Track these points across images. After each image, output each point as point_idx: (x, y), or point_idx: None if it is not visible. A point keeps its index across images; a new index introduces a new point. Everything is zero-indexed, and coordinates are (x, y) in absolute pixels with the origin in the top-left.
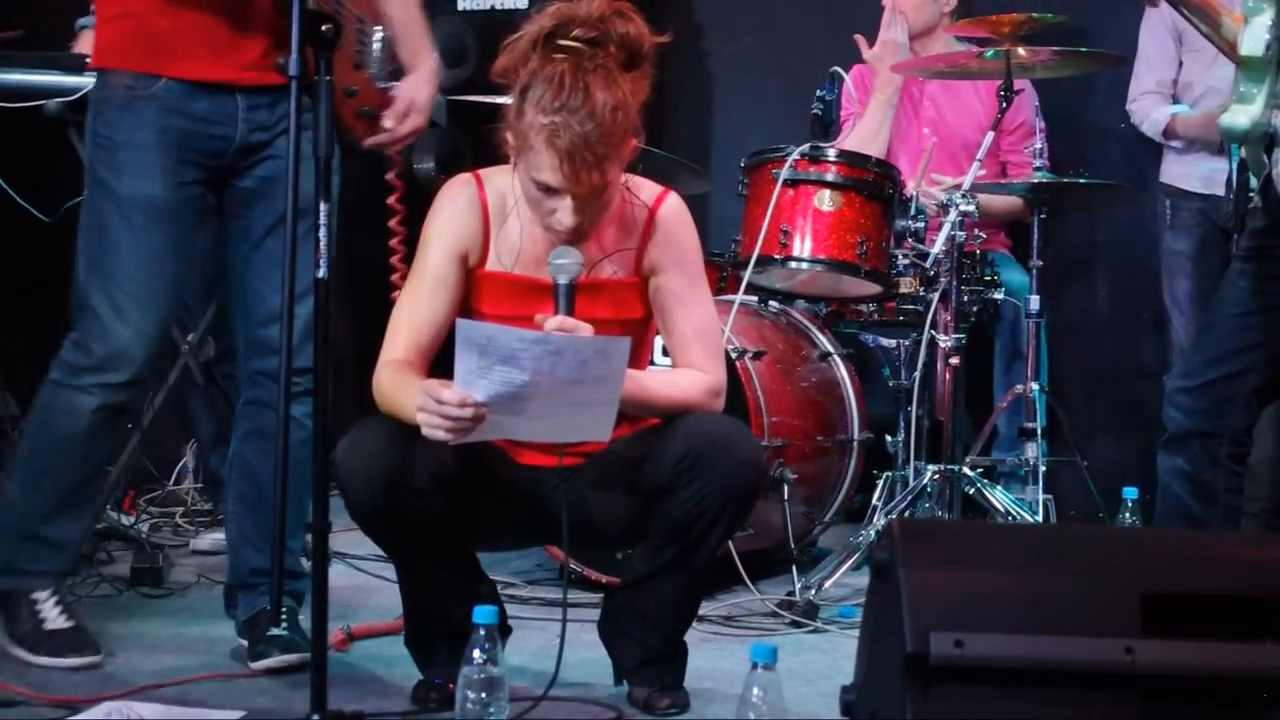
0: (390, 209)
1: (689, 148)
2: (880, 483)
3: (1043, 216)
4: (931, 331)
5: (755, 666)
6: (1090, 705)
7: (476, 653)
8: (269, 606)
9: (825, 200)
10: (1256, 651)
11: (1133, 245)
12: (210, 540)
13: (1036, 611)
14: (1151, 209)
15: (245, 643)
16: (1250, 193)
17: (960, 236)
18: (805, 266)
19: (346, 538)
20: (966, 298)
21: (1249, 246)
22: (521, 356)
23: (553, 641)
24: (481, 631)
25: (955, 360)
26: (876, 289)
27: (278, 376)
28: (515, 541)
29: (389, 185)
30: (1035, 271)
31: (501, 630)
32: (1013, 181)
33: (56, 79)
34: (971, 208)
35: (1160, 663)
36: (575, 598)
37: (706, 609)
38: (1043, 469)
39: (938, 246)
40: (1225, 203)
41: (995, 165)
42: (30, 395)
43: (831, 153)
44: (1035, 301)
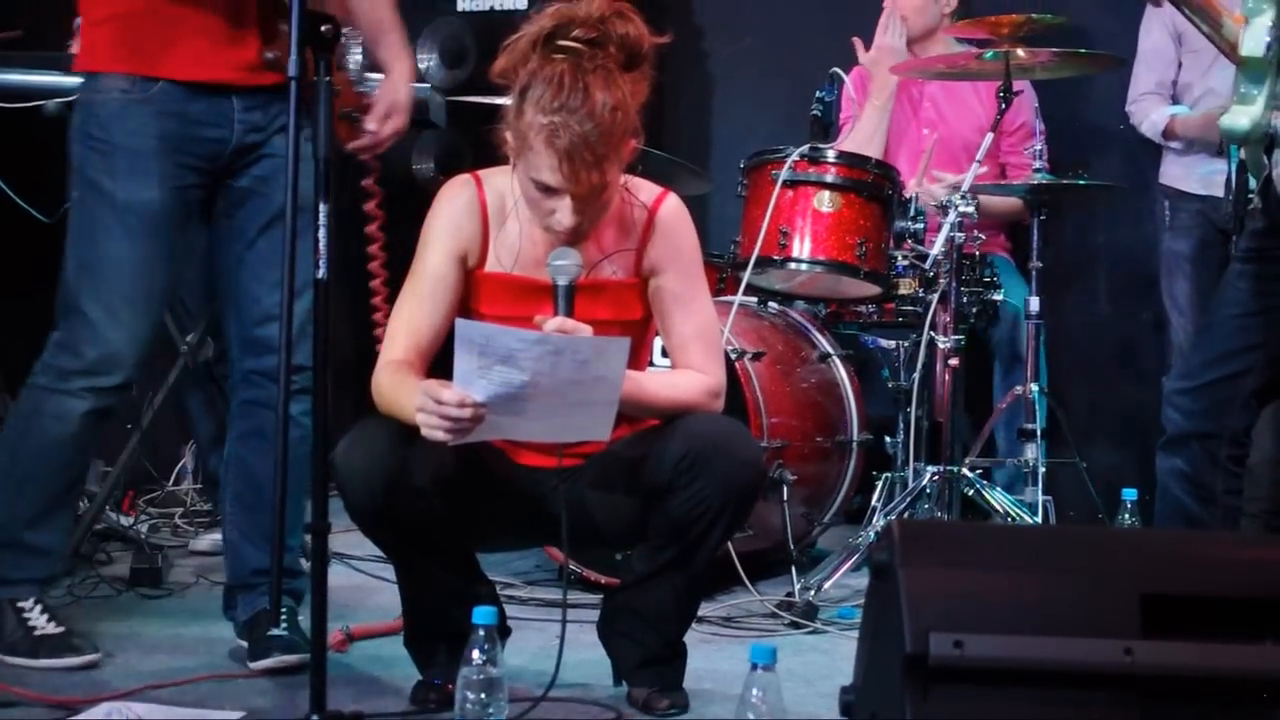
0: (368, 215)
1: (689, 148)
2: (879, 484)
3: (1042, 218)
4: (931, 333)
5: (754, 667)
6: (1090, 706)
7: (476, 653)
8: (268, 607)
9: (825, 201)
10: (1256, 652)
11: (1132, 246)
12: (209, 541)
13: (1036, 612)
14: (1151, 210)
15: (244, 643)
16: (1249, 194)
17: (959, 238)
18: (804, 267)
19: (346, 538)
20: (966, 299)
21: (1248, 247)
22: (521, 357)
23: (552, 642)
24: (481, 632)
25: (954, 361)
26: (876, 290)
27: (274, 376)
28: (515, 542)
29: (366, 191)
30: (1035, 273)
31: (501, 631)
32: (1012, 183)
33: (56, 79)
34: (971, 209)
35: (1160, 663)
36: (575, 598)
37: (706, 610)
38: (1042, 470)
39: (937, 248)
40: (1224, 204)
41: (995, 166)
42: None
43: (831, 154)
44: (1035, 303)
